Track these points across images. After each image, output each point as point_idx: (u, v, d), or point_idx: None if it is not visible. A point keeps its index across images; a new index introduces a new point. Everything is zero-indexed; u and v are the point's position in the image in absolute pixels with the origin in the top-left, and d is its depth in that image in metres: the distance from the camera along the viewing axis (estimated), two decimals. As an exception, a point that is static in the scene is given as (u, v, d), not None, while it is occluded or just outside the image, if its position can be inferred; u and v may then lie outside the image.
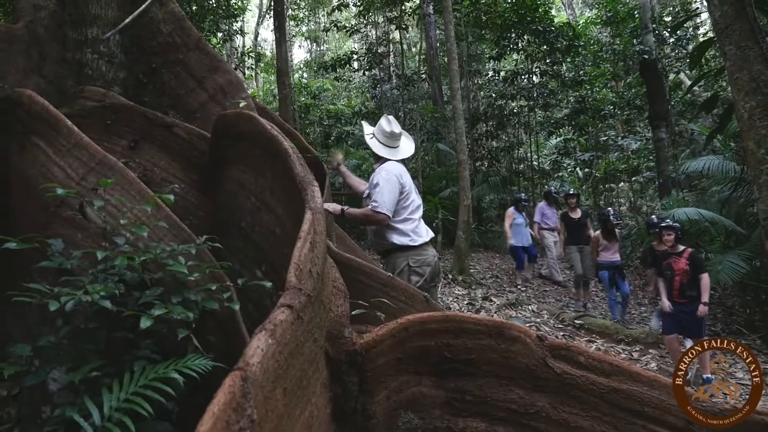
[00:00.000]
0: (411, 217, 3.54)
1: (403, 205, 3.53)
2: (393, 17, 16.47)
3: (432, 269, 3.54)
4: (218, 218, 2.91)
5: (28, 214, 2.40)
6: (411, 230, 3.51)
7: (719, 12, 5.41)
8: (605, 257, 8.23)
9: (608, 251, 8.23)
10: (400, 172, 3.58)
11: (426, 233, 3.60)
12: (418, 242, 3.50)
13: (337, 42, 31.12)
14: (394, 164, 3.65)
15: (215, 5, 15.65)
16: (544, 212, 10.27)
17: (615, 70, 17.05)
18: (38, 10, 3.57)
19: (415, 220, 3.56)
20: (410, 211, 3.55)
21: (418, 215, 3.60)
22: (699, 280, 5.69)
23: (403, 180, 3.56)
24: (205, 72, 3.84)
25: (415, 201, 3.62)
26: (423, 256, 3.52)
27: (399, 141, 3.80)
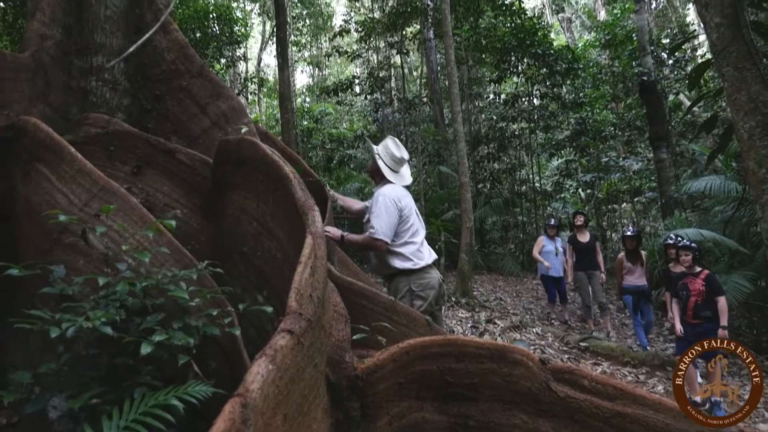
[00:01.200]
0: (412, 240, 3.51)
1: (402, 228, 3.50)
2: (394, 42, 16.68)
3: (436, 292, 3.50)
4: (220, 243, 2.92)
5: (30, 241, 2.42)
6: (412, 253, 3.48)
7: (716, 34, 5.47)
8: (629, 281, 7.77)
9: (632, 275, 7.76)
10: (399, 195, 3.56)
11: (428, 255, 3.56)
12: (419, 265, 3.47)
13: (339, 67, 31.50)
14: (394, 187, 3.63)
15: (219, 32, 15.89)
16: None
17: (615, 91, 17.19)
18: (45, 40, 3.63)
19: (416, 243, 3.52)
20: (411, 234, 3.52)
21: (419, 238, 3.57)
22: (714, 302, 5.60)
23: (402, 203, 3.53)
24: (208, 98, 3.89)
25: (416, 223, 3.59)
26: (426, 279, 3.48)
27: (403, 167, 3.80)
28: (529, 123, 16.37)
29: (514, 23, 14.96)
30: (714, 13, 5.32)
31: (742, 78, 5.29)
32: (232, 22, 16.22)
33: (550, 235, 9.40)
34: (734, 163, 9.70)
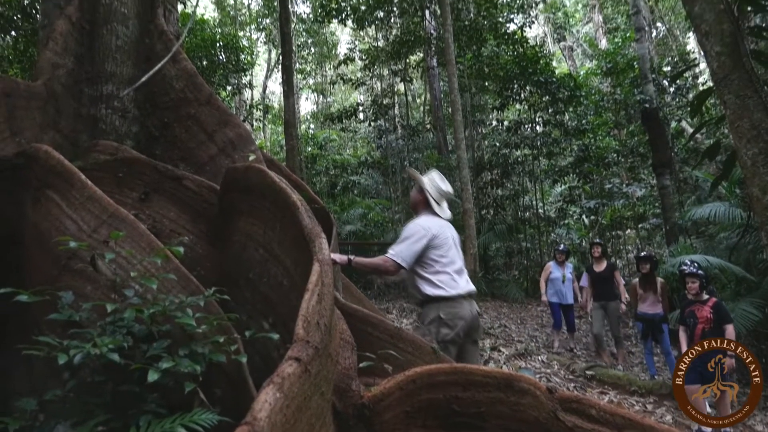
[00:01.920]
0: (446, 270, 3.47)
1: (436, 256, 3.47)
2: (398, 70, 16.91)
3: (465, 323, 3.42)
4: (226, 269, 2.92)
5: (39, 266, 2.43)
6: (444, 282, 3.43)
7: (717, 63, 5.53)
8: (641, 309, 7.58)
9: (644, 302, 7.55)
10: (433, 225, 3.54)
11: (464, 286, 3.51)
12: (451, 293, 3.41)
13: (344, 94, 31.87)
14: (431, 218, 3.63)
15: (225, 60, 16.16)
16: None
17: (617, 118, 17.32)
18: (57, 69, 3.71)
19: (450, 273, 3.48)
20: (445, 264, 3.48)
21: (454, 267, 3.51)
22: (722, 330, 5.54)
23: (437, 232, 3.50)
24: (216, 126, 3.94)
25: (453, 254, 3.57)
26: (456, 309, 3.41)
27: (445, 201, 3.81)
28: (532, 149, 16.47)
29: (517, 52, 15.18)
30: (714, 42, 5.39)
31: (744, 106, 5.33)
32: (239, 51, 16.51)
33: (558, 261, 9.31)
34: (738, 190, 9.71)
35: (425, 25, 16.14)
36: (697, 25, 5.47)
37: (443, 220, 3.69)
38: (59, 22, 3.89)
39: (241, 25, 25.52)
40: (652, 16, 23.43)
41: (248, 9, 27.09)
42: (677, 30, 24.29)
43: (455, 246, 3.66)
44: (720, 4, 5.26)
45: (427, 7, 15.71)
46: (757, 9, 5.84)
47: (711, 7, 5.30)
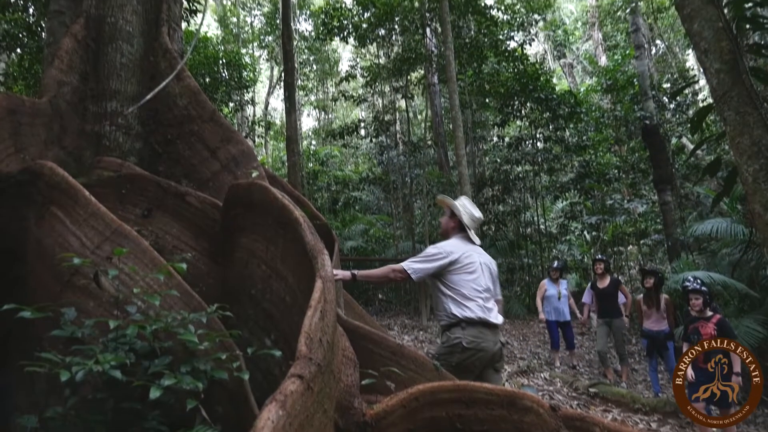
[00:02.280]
0: (473, 295, 3.40)
1: (460, 279, 3.40)
2: (399, 87, 17.02)
3: (485, 354, 3.32)
4: (229, 286, 2.92)
5: (42, 282, 2.43)
6: (472, 305, 3.37)
7: (716, 80, 5.56)
8: (646, 325, 7.54)
9: (649, 319, 7.51)
10: (457, 248, 3.50)
11: (491, 314, 3.41)
12: (478, 316, 3.33)
13: (345, 110, 32.07)
14: (460, 242, 3.60)
15: (228, 77, 16.29)
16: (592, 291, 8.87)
17: (617, 135, 17.37)
18: (62, 86, 3.75)
19: (476, 300, 3.40)
20: (472, 288, 3.42)
21: (481, 295, 3.44)
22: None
23: (460, 255, 3.45)
24: (219, 142, 3.97)
25: (482, 281, 3.49)
26: (480, 337, 3.32)
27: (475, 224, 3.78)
28: (533, 166, 16.51)
29: (517, 69, 15.28)
30: (713, 59, 5.42)
31: (744, 122, 5.34)
32: (241, 68, 16.65)
33: (553, 278, 9.26)
34: (740, 206, 9.71)
35: (426, 43, 16.27)
36: (696, 42, 5.50)
37: (474, 245, 3.65)
38: (65, 40, 3.94)
39: (244, 43, 25.78)
40: (651, 34, 23.63)
41: (251, 27, 27.39)
42: (676, 47, 24.48)
43: (487, 274, 3.57)
44: (718, 22, 5.30)
45: (428, 25, 15.85)
46: (756, 27, 5.89)
47: (709, 24, 5.34)
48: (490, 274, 3.63)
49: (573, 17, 31.34)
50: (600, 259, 8.86)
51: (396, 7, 14.80)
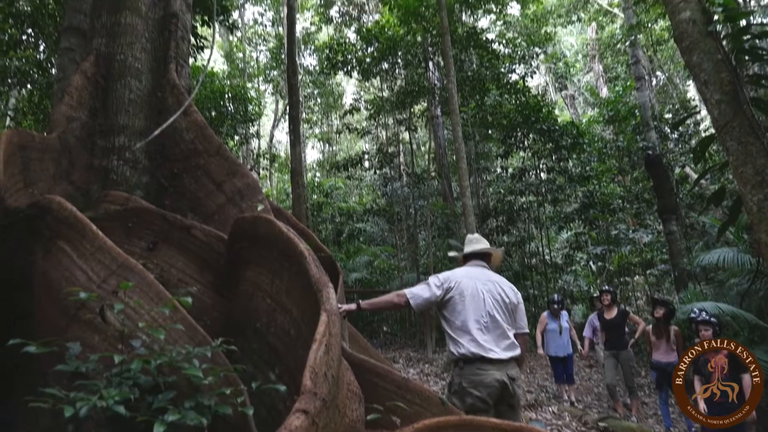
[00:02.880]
0: (469, 329, 3.21)
1: (456, 311, 3.25)
2: (402, 119, 17.19)
3: (494, 390, 3.10)
4: (233, 319, 2.92)
5: (47, 316, 2.44)
6: (466, 341, 3.18)
7: (717, 110, 5.61)
8: (655, 357, 7.38)
9: (658, 350, 7.34)
10: (456, 276, 3.36)
11: (492, 347, 3.17)
12: (474, 354, 3.14)
13: (349, 142, 32.34)
14: (462, 270, 3.48)
15: (233, 111, 16.52)
16: (594, 324, 8.70)
17: (621, 165, 17.43)
18: (71, 122, 3.82)
19: (472, 333, 3.19)
20: (467, 320, 3.23)
21: (479, 327, 3.21)
22: (738, 379, 5.39)
23: (457, 284, 3.29)
24: (224, 176, 4.00)
25: (480, 312, 3.25)
26: (479, 375, 3.11)
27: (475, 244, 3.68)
28: (537, 196, 16.54)
29: (519, 101, 15.45)
30: (714, 90, 5.48)
31: (747, 152, 5.37)
32: (247, 102, 16.91)
33: (553, 312, 9.14)
34: (746, 236, 9.66)
35: (429, 76, 16.51)
36: (696, 74, 5.57)
37: (484, 270, 3.51)
38: (75, 77, 4.03)
39: (250, 77, 26.20)
40: (651, 66, 23.94)
41: (257, 62, 27.88)
42: (677, 78, 24.75)
43: (492, 302, 3.32)
44: (717, 54, 5.37)
45: (430, 59, 16.11)
46: (755, 58, 5.96)
47: (709, 57, 5.42)
48: (500, 303, 3.35)
49: (573, 50, 31.81)
50: (607, 290, 8.73)
51: (399, 41, 15.08)
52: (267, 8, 27.54)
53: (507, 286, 3.48)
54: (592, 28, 26.35)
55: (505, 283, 3.50)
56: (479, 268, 3.53)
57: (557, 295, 9.70)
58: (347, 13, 21.54)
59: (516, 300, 3.46)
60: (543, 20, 21.44)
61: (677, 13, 5.61)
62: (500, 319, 3.30)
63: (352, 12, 21.54)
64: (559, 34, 27.40)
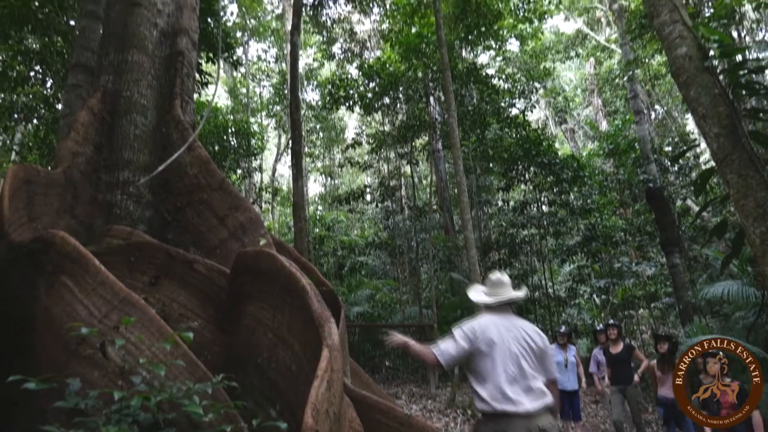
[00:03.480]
0: (493, 380, 3.02)
1: (480, 362, 3.07)
2: (404, 153, 17.34)
3: None
4: (234, 354, 2.89)
5: (48, 351, 2.42)
6: (489, 394, 2.98)
7: (716, 144, 5.65)
8: (661, 392, 7.15)
9: (664, 385, 7.09)
10: (480, 325, 3.16)
11: (518, 400, 2.96)
12: (496, 409, 2.95)
13: (351, 176, 32.55)
14: (485, 317, 3.26)
15: (236, 145, 16.68)
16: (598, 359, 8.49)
17: (622, 198, 17.46)
18: (76, 157, 3.86)
19: (497, 384, 3.00)
20: (491, 371, 3.04)
21: (504, 378, 3.01)
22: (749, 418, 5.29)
23: (481, 333, 3.10)
24: (227, 210, 4.03)
25: (506, 361, 3.05)
26: (505, 428, 2.92)
27: (500, 289, 3.41)
28: (539, 229, 16.53)
29: (520, 134, 15.60)
30: (712, 124, 5.53)
31: (747, 185, 5.38)
32: (250, 136, 17.08)
33: (560, 343, 8.97)
34: (750, 268, 9.61)
35: (430, 111, 16.72)
36: (694, 108, 5.64)
37: (507, 316, 3.30)
38: (82, 113, 4.09)
39: (253, 112, 26.55)
40: (649, 99, 24.21)
41: (260, 97, 28.30)
42: (675, 112, 25.00)
43: (518, 350, 3.11)
44: (714, 88, 5.45)
45: (431, 94, 16.34)
46: (752, 93, 6.04)
47: (706, 91, 5.49)
48: (527, 350, 3.13)
49: (572, 85, 32.25)
50: (613, 324, 8.56)
51: (400, 77, 15.32)
52: (270, 45, 28.11)
53: (532, 331, 3.27)
54: (590, 63, 26.77)
55: (530, 328, 3.29)
56: (503, 313, 3.31)
57: (564, 327, 9.54)
58: (349, 49, 21.94)
59: (543, 345, 3.22)
60: (542, 56, 21.80)
61: (674, 49, 5.70)
62: (528, 368, 3.08)
63: (354, 48, 21.94)
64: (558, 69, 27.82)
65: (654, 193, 13.71)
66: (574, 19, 24.90)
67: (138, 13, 4.60)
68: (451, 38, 14.85)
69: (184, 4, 5.00)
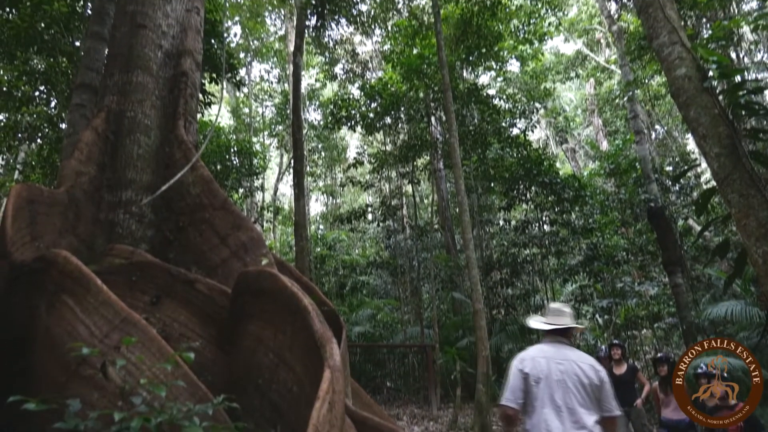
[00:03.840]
0: (537, 410, 2.99)
1: (530, 393, 3.04)
2: (405, 172, 17.38)
3: None
4: (235, 375, 2.87)
5: (48, 371, 2.41)
6: (535, 427, 2.96)
7: (716, 163, 5.66)
8: (664, 414, 7.06)
9: (667, 407, 7.01)
10: (529, 355, 3.17)
11: None
12: None
13: (353, 195, 32.61)
14: (536, 348, 3.27)
15: (239, 165, 16.74)
16: None
17: (623, 217, 17.44)
18: (80, 176, 3.88)
19: (542, 415, 2.96)
20: (537, 405, 3.00)
21: (549, 408, 2.97)
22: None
23: (530, 363, 3.08)
24: (229, 229, 4.03)
25: (552, 392, 3.00)
26: None
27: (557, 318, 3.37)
28: (541, 248, 16.49)
29: (521, 154, 15.65)
30: (712, 144, 5.54)
31: (749, 204, 5.38)
32: (252, 155, 17.15)
33: None
34: (753, 288, 9.57)
35: (431, 131, 16.81)
36: (693, 128, 5.66)
37: (562, 346, 3.22)
38: (86, 133, 4.12)
39: (255, 132, 26.72)
40: (650, 119, 24.32)
41: (262, 117, 28.50)
42: (676, 131, 25.10)
43: (563, 385, 3.02)
44: (714, 108, 5.47)
45: (432, 114, 16.44)
46: (751, 113, 6.07)
47: (706, 111, 5.51)
48: (577, 385, 3.02)
49: (572, 105, 32.45)
50: (617, 344, 8.48)
51: (402, 97, 15.43)
52: (273, 66, 28.37)
53: (587, 365, 3.12)
54: (590, 84, 26.96)
55: (584, 361, 3.15)
56: (555, 344, 3.23)
57: None
58: (351, 70, 22.14)
59: (598, 380, 3.06)
60: (542, 77, 21.99)
61: (673, 70, 5.75)
62: (576, 403, 2.97)
63: (356, 69, 22.14)
64: (559, 89, 28.01)
65: (655, 212, 13.70)
66: (574, 40, 25.14)
67: (143, 35, 4.66)
68: (452, 59, 14.99)
69: (189, 26, 5.06)
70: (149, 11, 4.81)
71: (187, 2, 5.20)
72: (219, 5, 11.68)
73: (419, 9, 17.40)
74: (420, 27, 15.47)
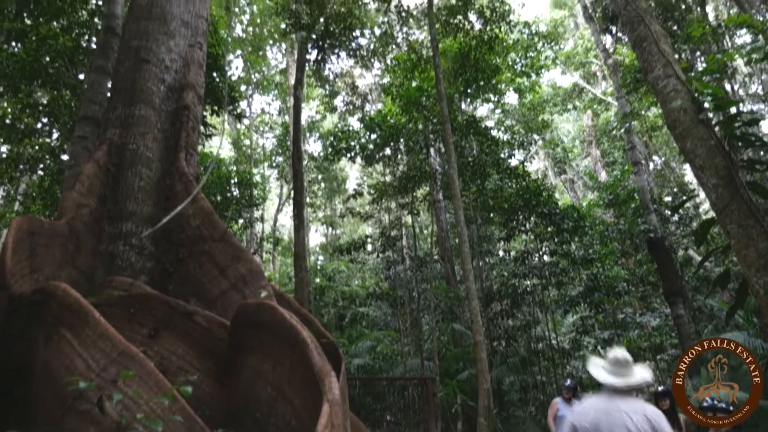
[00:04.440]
0: None
1: None
2: (405, 203, 17.42)
3: None
4: (233, 408, 2.83)
5: (44, 405, 2.38)
6: None
7: (714, 194, 5.68)
8: None
9: None
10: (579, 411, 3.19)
11: None
12: None
13: (352, 226, 32.62)
14: (587, 402, 3.28)
15: (239, 196, 16.80)
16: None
17: (623, 248, 17.42)
18: (80, 208, 3.89)
19: None
20: None
21: None
22: None
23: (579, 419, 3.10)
24: (229, 261, 4.02)
25: None
26: None
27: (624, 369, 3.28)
28: (541, 279, 16.41)
29: (520, 185, 15.72)
30: (710, 175, 5.58)
31: (748, 235, 5.38)
32: (252, 187, 17.22)
33: (566, 397, 8.70)
34: (755, 319, 9.50)
35: (430, 162, 16.92)
36: (691, 159, 5.71)
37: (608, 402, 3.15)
38: (88, 165, 4.15)
39: (256, 163, 26.88)
40: (647, 150, 24.52)
41: (263, 148, 28.72)
42: (673, 162, 25.29)
43: None
44: (710, 140, 5.52)
45: (431, 146, 16.57)
46: (747, 144, 6.12)
47: (702, 143, 5.57)
48: None
49: (570, 136, 32.72)
50: (664, 392, 8.34)
51: (401, 129, 15.58)
52: (274, 98, 28.72)
53: (640, 414, 3.03)
54: (587, 115, 27.26)
55: (636, 411, 3.06)
56: (609, 397, 3.19)
57: (570, 380, 9.30)
58: (351, 102, 22.42)
59: (650, 429, 2.98)
60: (540, 108, 22.23)
61: (668, 102, 5.82)
62: None
63: (356, 101, 22.42)
64: (556, 121, 28.28)
65: (655, 243, 13.69)
66: (571, 73, 25.52)
67: (146, 69, 4.74)
68: (450, 92, 15.20)
69: (192, 61, 5.15)
70: (153, 46, 4.90)
71: (191, 37, 5.30)
72: (221, 40, 11.90)
73: (418, 43, 17.69)
74: (419, 60, 15.71)
